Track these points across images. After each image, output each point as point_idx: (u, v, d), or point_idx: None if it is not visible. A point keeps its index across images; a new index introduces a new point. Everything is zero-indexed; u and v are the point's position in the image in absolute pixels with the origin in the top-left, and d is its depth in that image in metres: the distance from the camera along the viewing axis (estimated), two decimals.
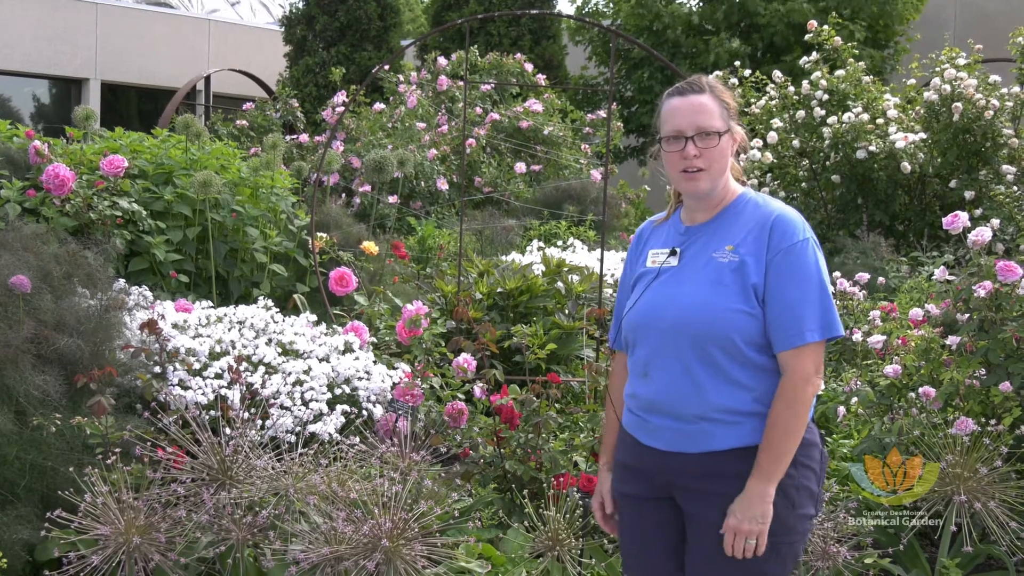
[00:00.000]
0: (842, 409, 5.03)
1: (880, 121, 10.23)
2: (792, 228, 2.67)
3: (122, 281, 5.54)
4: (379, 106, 13.62)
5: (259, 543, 3.73)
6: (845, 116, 10.24)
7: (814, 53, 11.06)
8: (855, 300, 6.09)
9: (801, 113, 10.67)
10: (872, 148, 9.93)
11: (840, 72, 10.83)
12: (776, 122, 10.75)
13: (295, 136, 13.69)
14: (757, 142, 10.98)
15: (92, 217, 5.81)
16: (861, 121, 10.12)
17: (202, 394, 4.64)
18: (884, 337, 5.17)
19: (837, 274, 6.53)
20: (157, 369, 4.71)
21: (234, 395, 4.64)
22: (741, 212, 2.76)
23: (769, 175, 11.45)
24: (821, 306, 2.63)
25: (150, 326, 4.70)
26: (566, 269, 7.55)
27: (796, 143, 10.68)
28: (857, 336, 5.42)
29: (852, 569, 4.07)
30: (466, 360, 5.01)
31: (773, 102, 11.02)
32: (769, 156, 10.86)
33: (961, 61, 10.16)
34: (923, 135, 9.93)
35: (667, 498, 2.80)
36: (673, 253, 2.80)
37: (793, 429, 2.61)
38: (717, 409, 2.65)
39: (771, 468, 2.60)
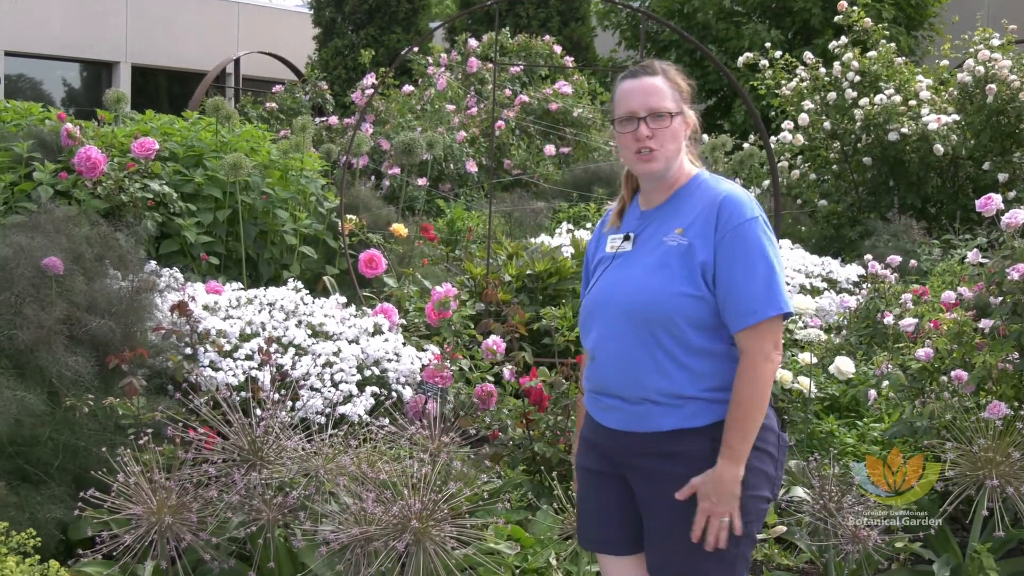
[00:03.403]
0: (873, 392, 5.00)
1: (912, 103, 10.14)
2: (740, 208, 2.67)
3: (153, 263, 5.57)
4: (408, 88, 13.61)
5: (289, 523, 3.74)
6: (877, 98, 10.15)
7: (843, 37, 10.96)
8: (887, 283, 6.04)
9: (832, 95, 10.59)
10: (904, 130, 9.84)
11: (872, 53, 10.74)
12: (807, 104, 10.67)
13: (324, 118, 13.71)
14: (788, 124, 10.91)
15: (123, 199, 5.84)
16: (893, 103, 10.04)
17: (232, 375, 4.66)
18: (916, 320, 5.13)
19: (868, 256, 6.49)
20: (188, 351, 4.73)
21: (264, 376, 4.66)
22: (693, 193, 2.79)
23: (800, 157, 11.38)
24: (770, 284, 2.63)
25: (181, 308, 4.72)
26: None
27: (827, 125, 10.60)
28: (888, 319, 5.38)
29: (882, 553, 4.05)
30: (495, 342, 5.02)
31: (804, 84, 10.93)
32: (800, 138, 10.79)
33: (995, 42, 10.05)
34: (956, 117, 9.84)
35: (620, 475, 2.84)
36: (627, 238, 2.84)
37: (757, 406, 2.63)
38: (659, 392, 2.69)
39: (740, 447, 2.63)
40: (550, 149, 13.07)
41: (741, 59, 11.52)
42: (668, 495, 2.69)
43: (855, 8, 11.07)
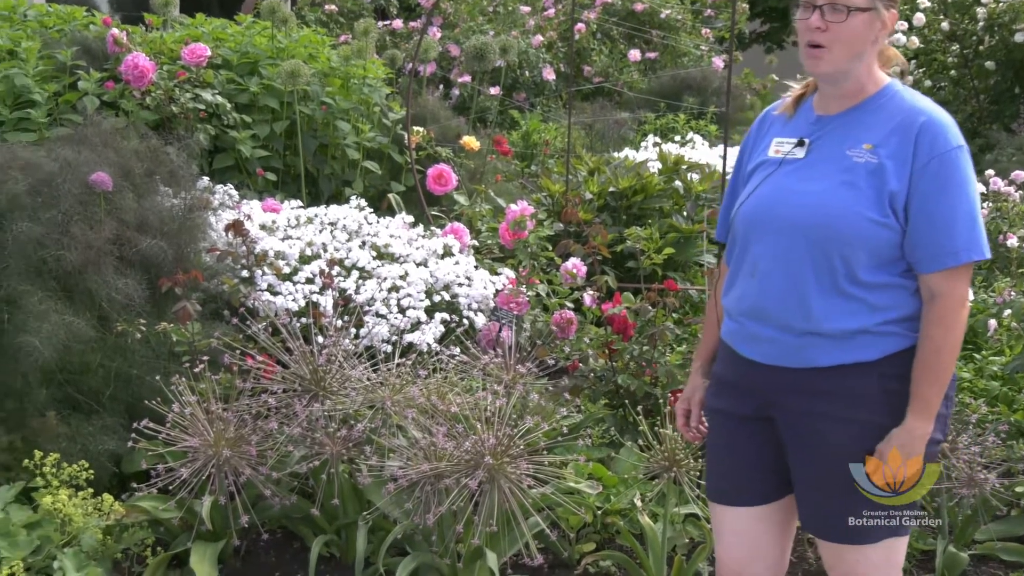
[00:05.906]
0: (993, 323, 4.92)
1: None
2: (945, 133, 2.53)
3: (206, 179, 5.62)
4: None
5: (354, 458, 3.79)
6: None
7: None
8: (1010, 201, 5.92)
9: None
10: None
11: None
12: (923, 2, 10.40)
13: (388, 22, 13.65)
14: (901, 25, 10.66)
15: (174, 110, 5.88)
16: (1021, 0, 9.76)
17: (292, 300, 4.71)
18: None
19: (990, 172, 6.35)
20: (244, 273, 4.78)
21: (326, 301, 4.70)
22: (884, 107, 2.62)
23: (914, 62, 11.13)
24: (972, 225, 2.50)
25: (236, 227, 4.76)
26: (685, 167, 7.46)
27: (945, 25, 10.34)
28: (1012, 241, 5.28)
29: (1000, 498, 4.01)
30: (575, 265, 5.00)
31: None
32: (915, 40, 10.54)
33: None
34: None
35: (764, 418, 2.73)
36: (800, 144, 2.68)
37: (953, 355, 2.53)
38: (827, 323, 2.56)
39: (934, 400, 2.53)
40: (635, 54, 12.91)
41: None
42: (825, 438, 2.60)
43: None
